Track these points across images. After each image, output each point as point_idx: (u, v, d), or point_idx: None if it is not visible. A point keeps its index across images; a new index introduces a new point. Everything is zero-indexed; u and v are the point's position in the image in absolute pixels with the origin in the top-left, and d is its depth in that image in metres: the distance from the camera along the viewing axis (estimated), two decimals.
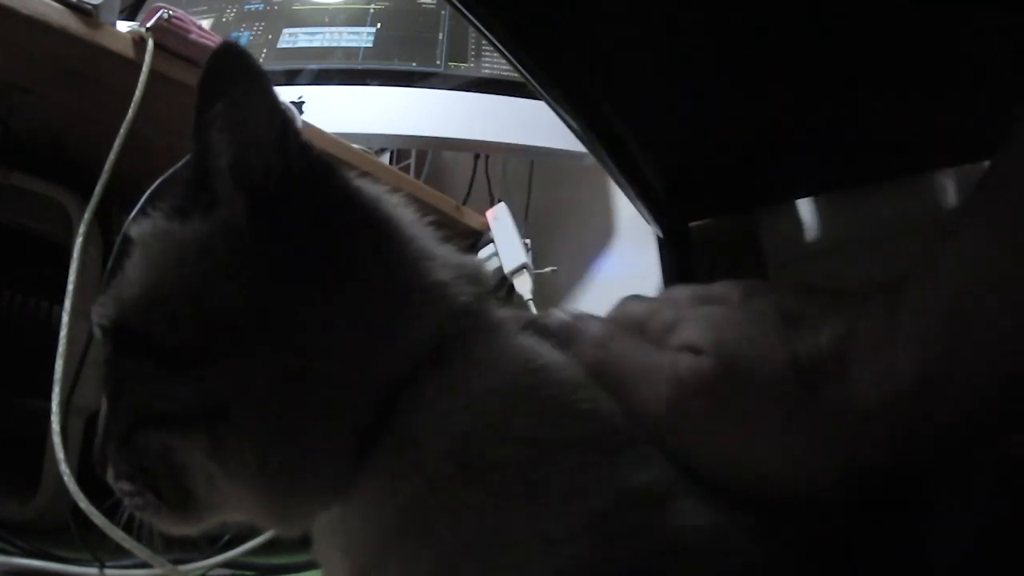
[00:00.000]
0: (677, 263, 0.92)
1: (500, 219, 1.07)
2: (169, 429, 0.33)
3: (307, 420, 0.33)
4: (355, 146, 0.91)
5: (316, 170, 0.35)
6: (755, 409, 0.27)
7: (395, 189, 0.38)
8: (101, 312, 0.35)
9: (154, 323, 0.33)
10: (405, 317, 0.34)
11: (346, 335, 0.33)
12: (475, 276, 0.37)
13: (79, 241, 0.65)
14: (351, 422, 0.33)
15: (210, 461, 0.33)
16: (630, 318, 0.34)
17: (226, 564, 0.60)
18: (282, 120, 0.33)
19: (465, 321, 0.35)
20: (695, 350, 0.29)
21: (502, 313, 0.37)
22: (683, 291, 0.34)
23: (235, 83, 0.33)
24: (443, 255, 0.37)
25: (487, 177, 1.26)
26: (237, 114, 0.33)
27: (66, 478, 0.55)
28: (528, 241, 1.07)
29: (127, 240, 0.36)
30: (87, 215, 0.66)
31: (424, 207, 0.39)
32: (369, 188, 0.37)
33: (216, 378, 0.32)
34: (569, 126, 0.73)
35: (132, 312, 0.34)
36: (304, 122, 0.81)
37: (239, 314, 0.33)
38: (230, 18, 1.16)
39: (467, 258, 0.38)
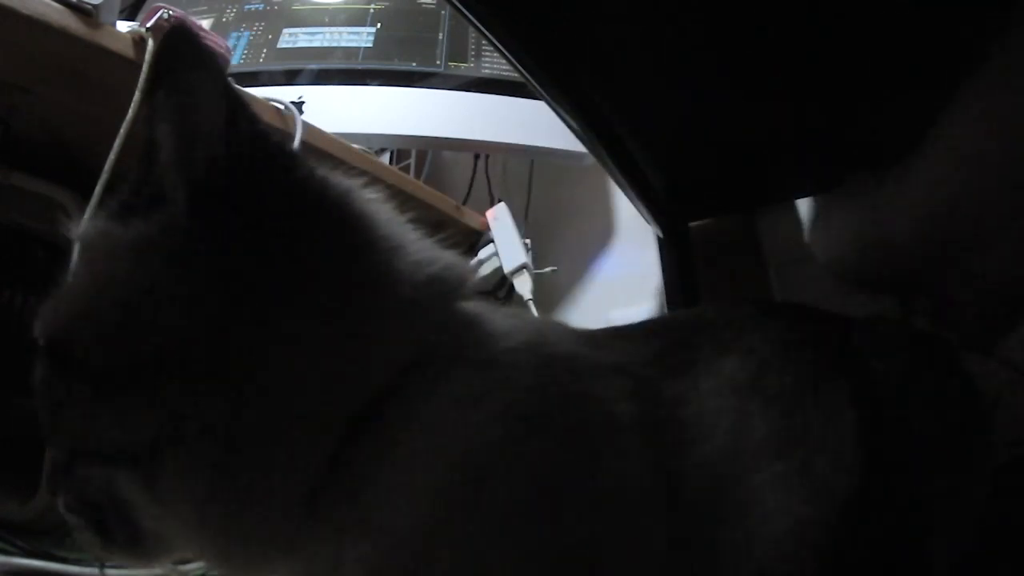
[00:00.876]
0: (677, 263, 0.92)
1: (500, 219, 1.07)
2: (105, 463, 0.29)
3: (249, 464, 0.28)
4: (355, 146, 0.91)
5: (270, 161, 0.30)
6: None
7: (395, 189, 0.36)
8: (37, 325, 0.31)
9: (85, 339, 0.29)
10: (366, 343, 0.30)
11: (295, 362, 0.29)
12: (455, 283, 0.33)
13: None
14: (300, 468, 0.29)
15: (149, 502, 0.29)
16: None
17: None
18: (230, 106, 0.29)
19: (435, 345, 0.31)
20: None
21: (481, 328, 0.33)
22: None
23: (179, 69, 0.29)
24: (418, 261, 0.32)
25: (487, 177, 1.26)
26: (178, 101, 0.29)
27: None
28: (528, 241, 1.07)
29: (71, 243, 0.32)
30: (87, 215, 0.66)
31: (424, 207, 0.38)
32: (338, 181, 0.33)
33: (147, 409, 0.28)
34: (569, 126, 0.73)
35: (65, 325, 0.30)
36: (304, 122, 0.81)
37: (175, 332, 0.28)
38: (230, 18, 1.15)
39: (448, 261, 0.34)
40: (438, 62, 1.11)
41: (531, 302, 1.02)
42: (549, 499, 0.28)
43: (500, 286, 1.13)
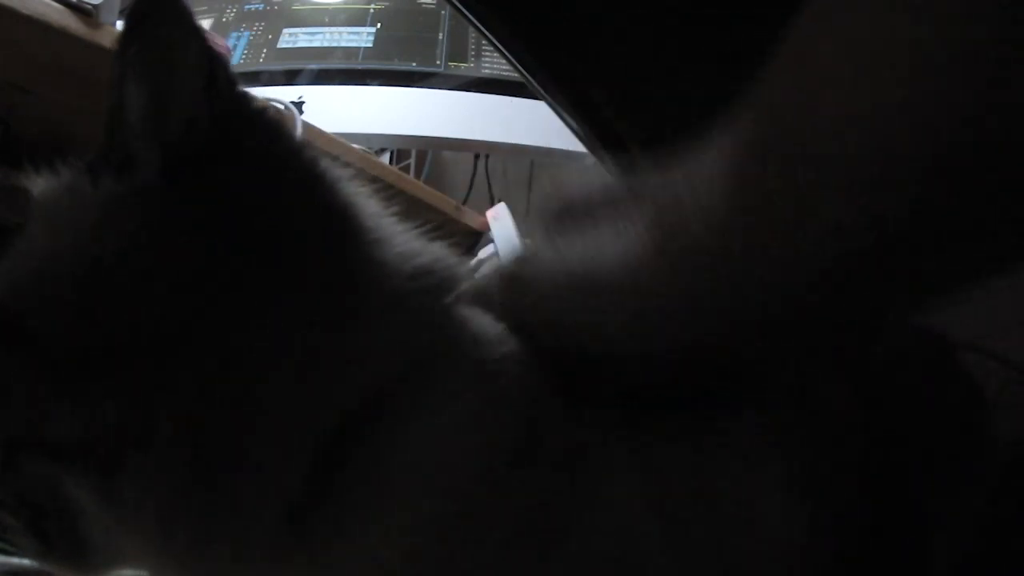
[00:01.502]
0: None
1: (500, 219, 1.07)
2: (53, 459, 0.25)
3: (223, 473, 0.25)
4: (355, 146, 0.92)
5: (254, 128, 0.27)
6: (590, 222, 0.26)
7: (395, 189, 0.34)
8: None
9: (42, 310, 0.25)
10: (344, 345, 0.26)
11: (266, 364, 0.25)
12: (445, 277, 0.30)
13: None
14: (276, 483, 0.25)
15: (104, 509, 0.26)
16: None
17: None
18: (211, 64, 0.26)
19: (424, 347, 0.27)
20: None
21: (474, 330, 0.29)
22: None
23: (154, 23, 0.26)
24: (403, 253, 0.29)
25: (487, 177, 1.26)
26: (153, 56, 0.26)
27: None
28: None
29: (29, 198, 0.29)
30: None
31: (424, 207, 0.37)
32: (327, 167, 0.29)
33: (115, 400, 0.24)
34: (569, 126, 0.73)
35: (17, 292, 0.26)
36: (304, 122, 0.81)
37: (151, 311, 0.25)
38: (230, 18, 1.16)
39: (437, 255, 0.30)
40: (438, 62, 1.11)
41: None
42: (543, 534, 0.26)
43: None
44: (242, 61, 1.09)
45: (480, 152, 1.23)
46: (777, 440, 0.32)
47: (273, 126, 0.28)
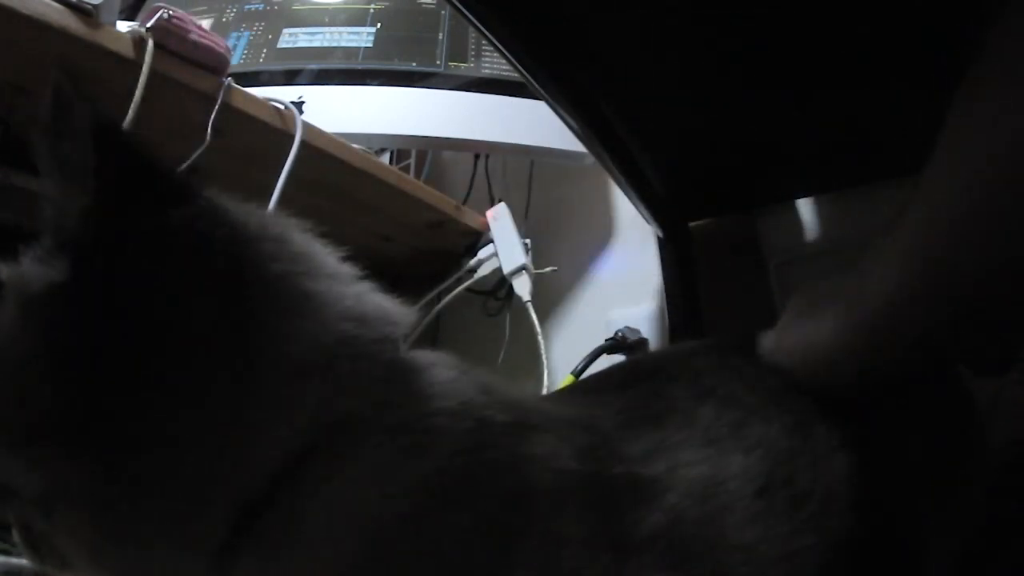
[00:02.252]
0: (677, 263, 0.92)
1: (500, 219, 1.07)
2: (21, 500, 0.30)
3: (131, 535, 0.28)
4: (355, 146, 0.91)
5: (148, 206, 0.28)
6: (813, 311, 0.40)
7: (395, 189, 0.34)
8: None
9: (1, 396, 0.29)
10: (263, 411, 0.28)
11: (186, 431, 0.27)
12: (380, 333, 0.30)
13: None
14: (198, 539, 0.28)
15: (59, 544, 0.30)
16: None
17: None
18: (99, 149, 0.27)
19: (348, 408, 0.29)
20: None
21: (411, 385, 0.30)
22: None
23: (54, 120, 0.28)
24: (331, 313, 0.30)
25: (487, 177, 1.26)
26: (52, 155, 0.28)
27: None
28: (528, 241, 1.07)
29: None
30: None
31: (424, 207, 0.37)
32: (241, 218, 0.30)
33: (42, 464, 0.28)
34: (569, 126, 0.73)
35: None
36: (304, 122, 0.81)
37: (64, 388, 0.27)
38: (230, 18, 1.15)
39: (374, 309, 0.31)
40: (438, 62, 1.11)
41: (530, 304, 1.02)
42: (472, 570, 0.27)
43: (500, 287, 1.13)
44: (242, 61, 1.09)
45: (480, 152, 1.23)
46: (762, 477, 0.32)
47: (175, 192, 0.29)
